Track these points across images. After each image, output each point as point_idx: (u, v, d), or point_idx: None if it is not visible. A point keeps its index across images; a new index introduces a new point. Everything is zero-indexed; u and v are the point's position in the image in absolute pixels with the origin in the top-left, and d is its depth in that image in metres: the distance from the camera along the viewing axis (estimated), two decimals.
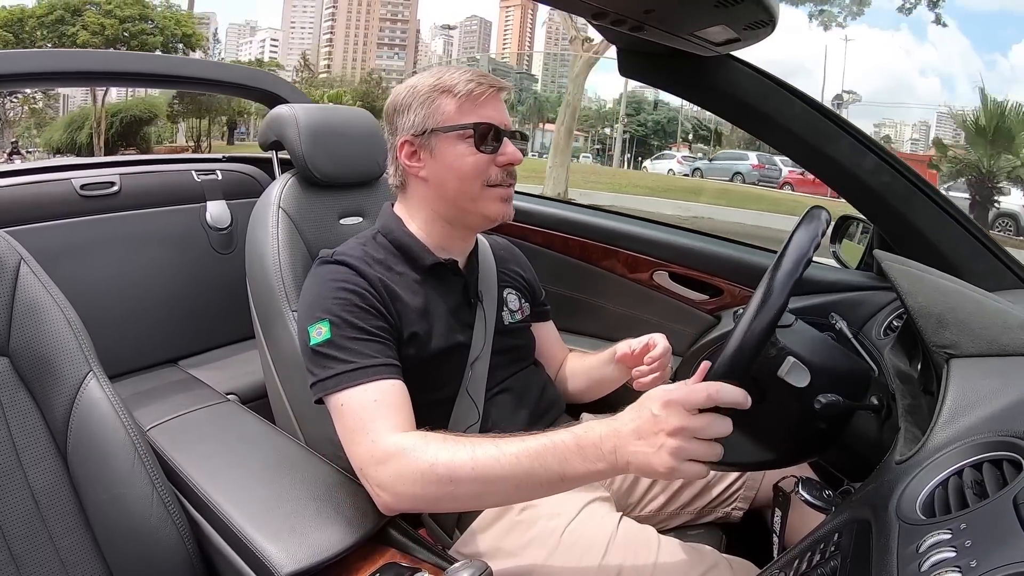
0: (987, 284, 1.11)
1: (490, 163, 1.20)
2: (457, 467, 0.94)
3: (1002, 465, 0.66)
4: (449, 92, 1.20)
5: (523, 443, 0.94)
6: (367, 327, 1.10)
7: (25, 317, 1.05)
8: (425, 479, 0.96)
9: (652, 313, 1.86)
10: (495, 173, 1.21)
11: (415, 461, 0.96)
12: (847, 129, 1.36)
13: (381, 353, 1.09)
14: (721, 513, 1.39)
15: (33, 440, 1.04)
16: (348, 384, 1.05)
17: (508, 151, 1.21)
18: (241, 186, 2.18)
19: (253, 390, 1.84)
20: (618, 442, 0.88)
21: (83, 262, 1.77)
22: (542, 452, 0.92)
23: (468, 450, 0.95)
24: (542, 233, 1.94)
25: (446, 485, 0.95)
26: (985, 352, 0.88)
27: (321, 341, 1.09)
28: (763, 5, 1.06)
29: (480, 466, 0.94)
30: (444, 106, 1.20)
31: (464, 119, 1.19)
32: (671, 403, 0.84)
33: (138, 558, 1.04)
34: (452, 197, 1.23)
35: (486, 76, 1.22)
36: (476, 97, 1.19)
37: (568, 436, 0.92)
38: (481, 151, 1.19)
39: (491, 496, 1.00)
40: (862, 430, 1.05)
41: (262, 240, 1.40)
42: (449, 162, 1.20)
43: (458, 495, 0.96)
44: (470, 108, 1.19)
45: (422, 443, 0.98)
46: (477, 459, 0.94)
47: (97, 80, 2.10)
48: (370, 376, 1.06)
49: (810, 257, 0.91)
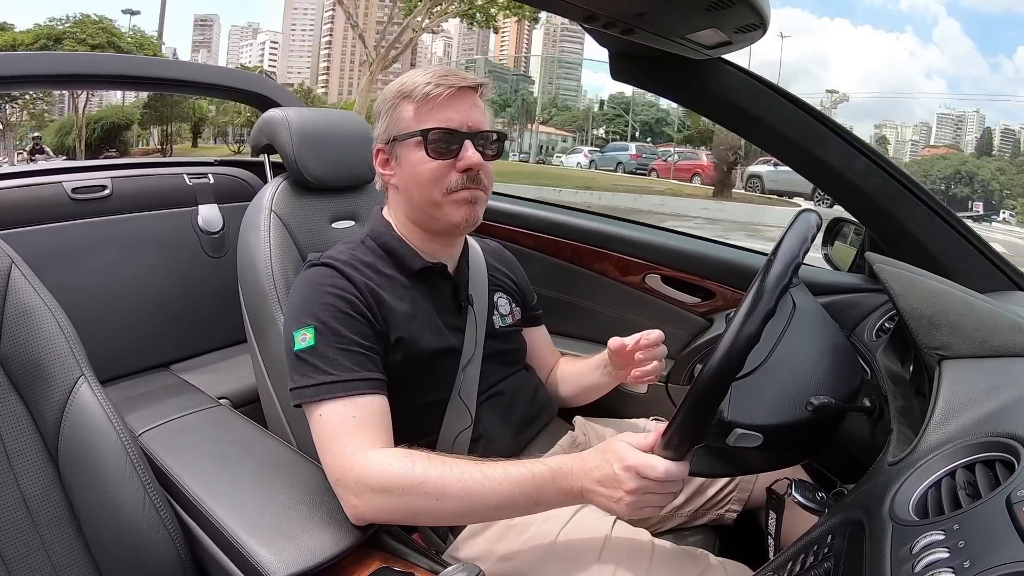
0: (978, 286, 1.11)
1: (449, 169, 1.17)
2: (446, 484, 0.98)
3: (995, 465, 0.66)
4: (408, 97, 1.17)
5: (504, 470, 1.00)
6: (352, 336, 1.09)
7: (16, 321, 1.05)
8: (412, 493, 0.98)
9: (644, 316, 1.86)
10: (455, 179, 1.17)
11: (403, 476, 0.98)
12: (838, 132, 1.36)
13: (363, 366, 1.08)
14: (715, 515, 1.39)
15: (24, 445, 1.03)
16: (328, 396, 1.05)
17: (467, 155, 1.16)
18: (233, 190, 2.18)
19: (245, 394, 1.83)
20: (585, 484, 0.97)
21: (74, 266, 1.76)
22: (522, 481, 0.99)
23: (456, 470, 1.00)
24: (533, 236, 1.93)
25: (433, 500, 0.98)
26: (977, 353, 0.88)
27: (305, 348, 1.08)
28: (754, 8, 1.06)
29: (467, 487, 0.98)
30: (404, 112, 1.18)
31: (419, 124, 1.16)
32: (629, 468, 0.92)
33: (130, 563, 1.03)
34: (418, 205, 1.22)
35: (450, 75, 1.17)
36: (432, 100, 1.15)
37: (545, 469, 0.99)
38: (436, 158, 1.16)
39: (471, 514, 1.05)
40: (855, 432, 1.05)
41: (254, 244, 1.40)
42: (409, 170, 1.19)
43: (442, 510, 1.00)
44: (426, 112, 1.16)
45: (408, 460, 1.00)
46: (464, 480, 0.99)
47: (93, 83, 2.09)
48: (350, 390, 1.05)
49: (800, 260, 0.91)
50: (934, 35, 76.40)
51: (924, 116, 58.64)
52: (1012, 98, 60.72)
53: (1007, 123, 50.18)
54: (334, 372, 1.06)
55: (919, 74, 79.81)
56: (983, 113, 50.42)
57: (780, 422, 0.95)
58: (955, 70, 75.08)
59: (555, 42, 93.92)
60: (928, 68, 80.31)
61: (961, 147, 47.71)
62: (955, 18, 74.91)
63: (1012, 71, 70.84)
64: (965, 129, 50.63)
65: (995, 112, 54.19)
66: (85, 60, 1.96)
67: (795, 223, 0.96)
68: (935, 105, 55.69)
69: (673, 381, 1.78)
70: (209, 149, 30.48)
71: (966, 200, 34.14)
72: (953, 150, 46.16)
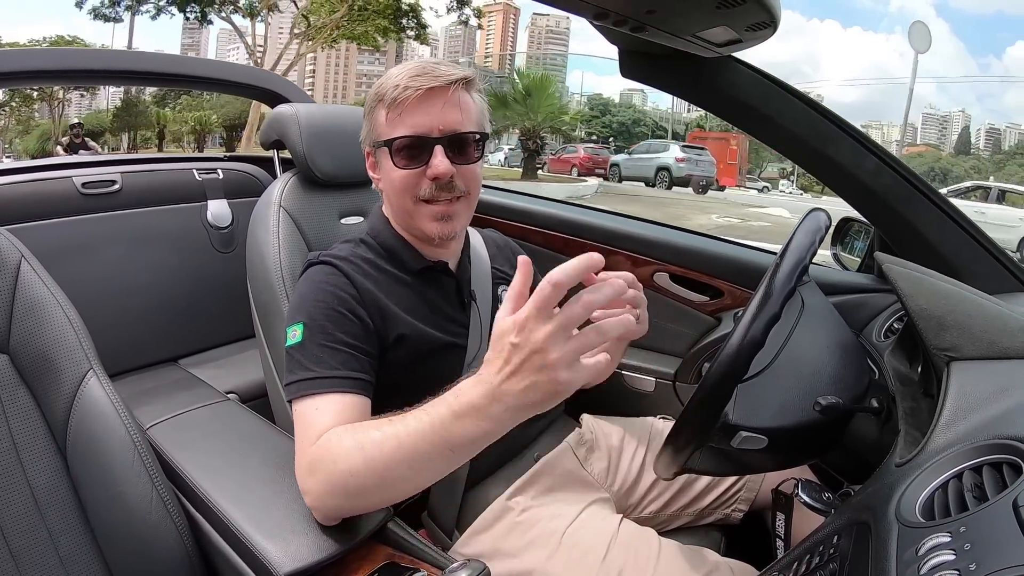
0: (988, 287, 1.11)
1: (420, 177, 1.13)
2: (346, 457, 0.88)
3: (1002, 468, 0.66)
4: (382, 101, 1.13)
5: (403, 423, 0.85)
6: (338, 334, 1.07)
7: (25, 315, 1.05)
8: (330, 479, 0.90)
9: (652, 314, 1.84)
10: (426, 187, 1.13)
11: (328, 453, 0.91)
12: (848, 131, 1.36)
13: (345, 364, 1.05)
14: (721, 515, 1.39)
15: (33, 438, 1.04)
16: (308, 392, 1.02)
17: (434, 163, 1.11)
18: (242, 185, 2.18)
19: (253, 389, 1.84)
20: (495, 392, 0.75)
21: (84, 260, 1.78)
22: (421, 430, 0.82)
23: (354, 438, 0.89)
24: (542, 234, 1.93)
25: (347, 478, 0.88)
26: (985, 355, 0.88)
27: (293, 344, 1.08)
28: (765, 6, 1.06)
29: (368, 453, 0.86)
30: (379, 117, 1.15)
31: (389, 131, 1.13)
32: (521, 320, 0.72)
33: (137, 556, 1.04)
34: (397, 211, 1.21)
35: (422, 73, 1.10)
36: (401, 104, 1.10)
37: (443, 408, 0.80)
38: (403, 168, 1.13)
39: (393, 485, 0.89)
40: (862, 432, 1.05)
41: (263, 239, 1.40)
42: (385, 177, 1.18)
43: (363, 487, 0.89)
44: (395, 118, 1.12)
45: (337, 433, 0.92)
46: (364, 447, 0.87)
47: (102, 78, 2.09)
48: (327, 387, 1.02)
49: (808, 261, 0.90)
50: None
51: (911, 116, 58.61)
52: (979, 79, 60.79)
53: (992, 122, 50.31)
54: (314, 368, 1.04)
55: (908, 74, 79.96)
56: (969, 113, 50.54)
57: (785, 425, 0.95)
58: (945, 70, 74.66)
59: (539, 44, 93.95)
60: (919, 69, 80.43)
61: (943, 146, 48.24)
62: (945, 19, 74.67)
63: (1001, 71, 70.41)
64: (951, 128, 50.62)
65: (982, 112, 54.35)
66: (101, 56, 1.96)
67: (804, 222, 0.96)
68: (922, 105, 55.64)
69: (681, 379, 1.78)
70: (171, 151, 33.81)
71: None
72: (931, 148, 46.74)
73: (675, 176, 21.68)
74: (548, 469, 1.24)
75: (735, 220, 14.42)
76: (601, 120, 53.70)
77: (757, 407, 0.94)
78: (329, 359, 1.05)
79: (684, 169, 21.67)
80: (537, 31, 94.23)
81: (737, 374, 0.86)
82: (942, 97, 65.58)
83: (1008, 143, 45.14)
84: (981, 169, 38.22)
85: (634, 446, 1.41)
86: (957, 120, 51.98)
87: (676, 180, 21.62)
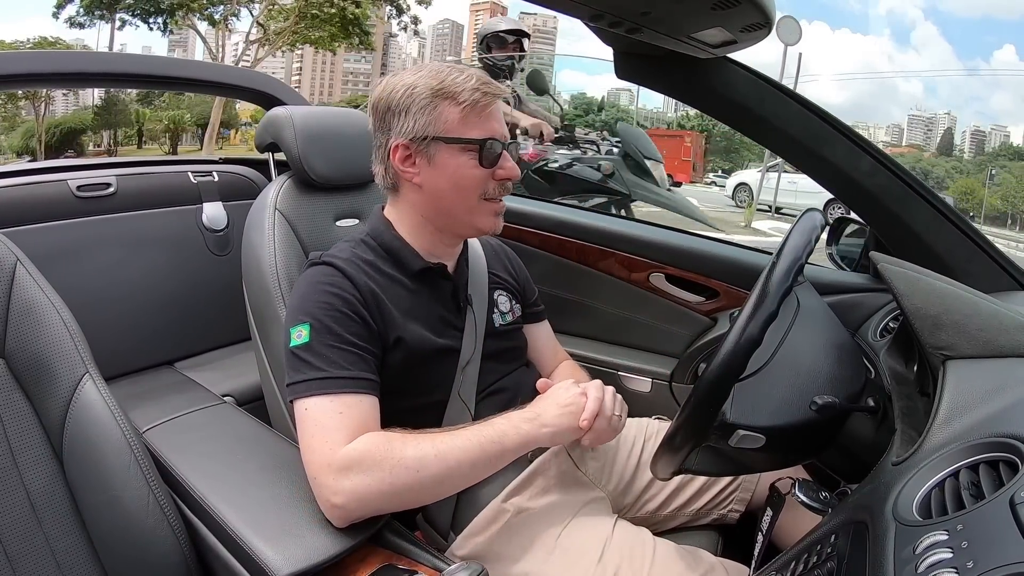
0: (983, 286, 1.11)
1: (489, 177, 1.18)
2: (422, 453, 1.02)
3: (998, 466, 0.66)
4: (453, 99, 1.15)
5: (468, 429, 1.09)
6: (346, 335, 1.09)
7: (21, 318, 1.05)
8: (390, 465, 0.99)
9: (648, 315, 1.86)
10: (492, 187, 1.19)
11: (378, 447, 1.01)
12: (843, 131, 1.36)
13: (355, 365, 1.08)
14: (717, 515, 1.39)
15: (29, 442, 1.03)
16: (318, 391, 1.04)
17: (508, 166, 1.19)
18: (237, 188, 2.18)
19: (249, 392, 1.84)
20: (541, 410, 1.14)
21: (79, 263, 1.77)
22: (482, 431, 1.08)
23: (428, 438, 1.05)
24: (538, 235, 1.93)
25: (413, 472, 1.00)
26: (981, 354, 0.88)
27: (300, 344, 1.08)
28: (760, 7, 1.06)
29: (441, 450, 1.03)
30: (447, 114, 1.15)
31: (469, 131, 1.16)
32: (580, 392, 1.18)
33: (134, 560, 1.03)
34: (447, 207, 1.21)
35: (488, 84, 1.17)
36: (481, 108, 1.16)
37: (502, 419, 1.11)
38: (487, 167, 1.17)
39: (451, 478, 1.06)
40: (858, 432, 1.05)
41: (258, 242, 1.40)
42: (449, 173, 1.17)
43: (423, 480, 1.02)
44: (475, 120, 1.16)
45: (383, 436, 1.04)
46: (437, 444, 1.04)
47: (95, 81, 2.09)
48: (340, 388, 1.05)
49: (803, 261, 0.90)
50: (912, 39, 76.25)
51: (898, 118, 59.03)
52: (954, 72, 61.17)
53: (978, 124, 50.75)
54: (326, 369, 1.05)
55: (896, 76, 79.87)
56: (955, 115, 50.87)
57: (783, 423, 0.95)
58: (932, 73, 75.19)
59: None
60: (906, 71, 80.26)
61: (927, 148, 48.71)
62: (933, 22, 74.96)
63: (989, 74, 71.02)
64: (936, 130, 50.83)
65: (969, 114, 54.65)
66: (94, 59, 1.96)
67: (799, 223, 0.96)
68: (909, 106, 56.05)
69: (677, 380, 1.78)
70: (151, 149, 34.86)
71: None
72: (915, 150, 47.27)
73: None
74: (543, 470, 1.24)
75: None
76: (584, 119, 54.63)
77: (755, 406, 0.94)
78: (340, 359, 1.07)
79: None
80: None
81: (735, 373, 0.86)
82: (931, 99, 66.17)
83: (992, 145, 45.44)
84: (962, 170, 38.57)
85: (630, 446, 1.41)
86: (943, 122, 52.26)
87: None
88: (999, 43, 65.70)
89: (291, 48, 24.57)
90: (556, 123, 3.98)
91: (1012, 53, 60.04)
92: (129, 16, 22.95)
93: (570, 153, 3.94)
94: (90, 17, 23.15)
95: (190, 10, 22.12)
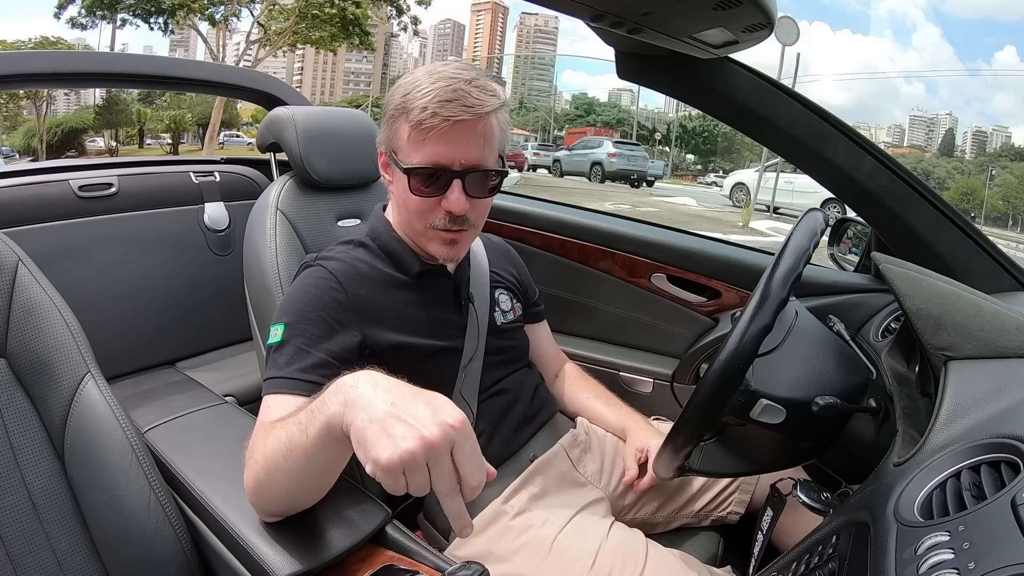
0: (985, 286, 1.11)
1: (435, 205, 1.11)
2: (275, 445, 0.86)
3: (1000, 467, 0.66)
4: (406, 116, 1.07)
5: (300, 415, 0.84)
6: (317, 339, 1.07)
7: (23, 318, 1.05)
8: (252, 466, 0.92)
9: (650, 316, 1.86)
10: (440, 217, 1.12)
11: (251, 450, 0.94)
12: (845, 131, 1.36)
13: (314, 370, 1.03)
14: (717, 516, 1.40)
15: (30, 441, 1.03)
16: (274, 390, 1.03)
17: (451, 199, 1.08)
18: (239, 188, 2.18)
19: (250, 392, 1.84)
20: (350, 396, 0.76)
21: (81, 263, 1.77)
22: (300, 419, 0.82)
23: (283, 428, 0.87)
24: (540, 235, 1.94)
25: (280, 458, 0.86)
26: (983, 354, 0.88)
27: (273, 343, 1.08)
28: (761, 8, 1.06)
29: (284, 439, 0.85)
30: (401, 131, 1.10)
31: (412, 154, 1.08)
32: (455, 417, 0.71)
33: (135, 560, 1.03)
34: (405, 225, 1.21)
35: (454, 100, 1.04)
36: (426, 131, 1.05)
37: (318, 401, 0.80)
38: (419, 196, 1.10)
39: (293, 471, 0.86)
40: (860, 432, 1.05)
41: (260, 242, 1.40)
42: (399, 191, 1.15)
43: (270, 477, 0.89)
44: (418, 141, 1.07)
45: (262, 433, 0.92)
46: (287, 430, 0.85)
47: (96, 81, 2.09)
48: (291, 389, 1.02)
49: (806, 260, 0.91)
50: (913, 40, 76.38)
51: (899, 119, 59.08)
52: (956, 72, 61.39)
53: (979, 125, 50.87)
54: (285, 368, 1.04)
55: (898, 78, 79.59)
56: (956, 116, 51.03)
57: (802, 397, 0.95)
58: (934, 74, 75.02)
59: (528, 44, 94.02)
60: (907, 72, 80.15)
61: (929, 148, 48.93)
62: (934, 23, 75.01)
63: (991, 75, 70.77)
64: (938, 131, 50.89)
65: (970, 115, 54.69)
66: (95, 58, 1.95)
67: (801, 223, 0.96)
68: (910, 107, 56.14)
69: (678, 380, 1.78)
70: (152, 149, 35.93)
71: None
72: (916, 151, 47.39)
73: (607, 171, 22.87)
74: (542, 470, 1.24)
75: (626, 207, 15.45)
76: (585, 119, 54.76)
77: (775, 378, 0.94)
78: (301, 361, 1.05)
79: (615, 164, 22.92)
80: (526, 30, 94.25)
81: (750, 358, 0.86)
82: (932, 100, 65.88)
83: (993, 146, 45.56)
84: (963, 171, 38.69)
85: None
86: (944, 123, 52.32)
87: (608, 174, 22.82)
88: (1000, 44, 65.70)
89: (292, 48, 24.76)
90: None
91: (1013, 54, 60.11)
92: (130, 16, 23.12)
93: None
94: (91, 18, 23.32)
95: (191, 10, 22.27)
